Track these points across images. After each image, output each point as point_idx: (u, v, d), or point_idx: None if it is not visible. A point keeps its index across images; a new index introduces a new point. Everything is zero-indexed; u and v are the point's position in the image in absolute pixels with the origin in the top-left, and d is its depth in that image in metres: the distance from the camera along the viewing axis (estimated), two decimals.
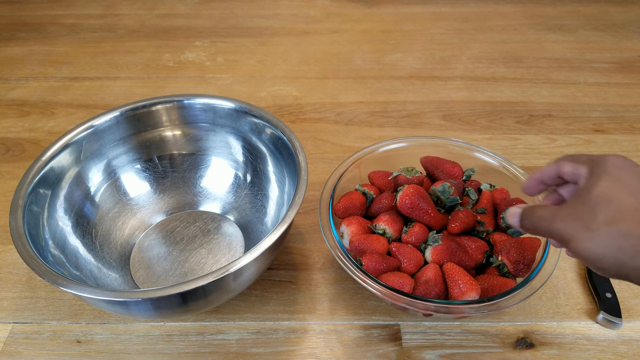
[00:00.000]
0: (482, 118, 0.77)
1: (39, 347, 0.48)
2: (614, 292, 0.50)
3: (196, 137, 0.59)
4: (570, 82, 0.85)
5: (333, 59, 0.91)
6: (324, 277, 0.54)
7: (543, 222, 0.34)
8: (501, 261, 0.46)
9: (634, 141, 0.72)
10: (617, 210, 0.30)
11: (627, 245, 0.29)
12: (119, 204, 0.56)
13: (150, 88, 0.84)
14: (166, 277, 0.52)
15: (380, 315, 0.50)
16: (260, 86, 0.84)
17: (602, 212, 0.30)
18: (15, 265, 0.55)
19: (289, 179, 0.52)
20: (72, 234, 0.50)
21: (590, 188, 0.32)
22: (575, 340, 0.48)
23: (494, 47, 0.95)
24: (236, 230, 0.57)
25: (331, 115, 0.77)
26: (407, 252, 0.46)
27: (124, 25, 1.03)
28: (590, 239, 0.30)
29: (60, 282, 0.38)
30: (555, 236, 0.33)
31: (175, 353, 0.47)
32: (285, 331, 0.49)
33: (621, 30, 1.00)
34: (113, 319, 0.50)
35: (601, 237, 0.30)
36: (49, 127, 0.75)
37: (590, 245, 0.30)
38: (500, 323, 0.49)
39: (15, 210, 0.44)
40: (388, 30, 1.01)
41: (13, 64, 0.90)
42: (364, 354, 0.47)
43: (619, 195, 0.30)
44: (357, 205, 0.51)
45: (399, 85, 0.84)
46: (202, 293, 0.40)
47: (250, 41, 0.97)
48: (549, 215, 0.34)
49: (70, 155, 0.52)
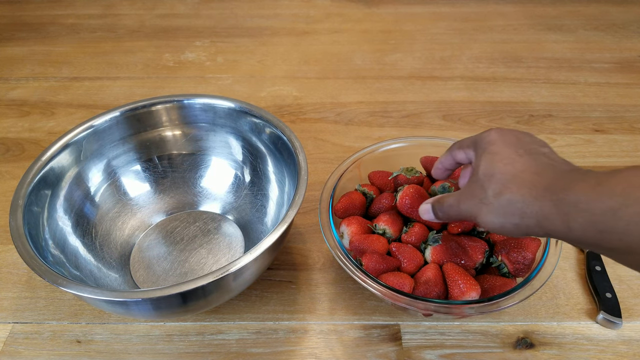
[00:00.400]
0: (482, 118, 0.77)
1: (39, 347, 0.48)
2: (614, 292, 0.50)
3: (196, 137, 0.59)
4: (570, 82, 0.85)
5: (333, 59, 0.91)
6: (324, 277, 0.54)
7: (452, 208, 0.38)
8: (501, 261, 0.46)
9: (634, 141, 0.72)
10: (499, 182, 0.34)
11: (514, 210, 0.33)
12: (119, 204, 0.56)
13: (150, 88, 0.84)
14: (166, 277, 0.52)
15: (380, 315, 0.50)
16: (260, 86, 0.84)
17: (490, 187, 0.34)
18: (15, 265, 0.55)
19: (289, 179, 0.52)
20: (72, 234, 0.50)
21: (477, 168, 0.36)
22: (575, 340, 0.48)
23: (494, 47, 0.95)
24: (236, 230, 0.57)
25: (331, 115, 0.77)
26: (407, 252, 0.46)
27: (124, 25, 1.03)
28: (488, 213, 0.34)
29: (60, 282, 0.38)
30: (465, 217, 0.37)
31: (175, 353, 0.47)
32: (285, 331, 0.49)
33: (621, 30, 1.00)
34: (113, 319, 0.50)
35: (495, 209, 0.34)
36: (49, 127, 0.75)
37: (490, 218, 0.34)
38: (500, 323, 0.49)
39: (15, 210, 0.44)
40: (388, 30, 1.01)
41: (13, 64, 0.90)
42: (364, 354, 0.47)
43: (498, 168, 0.34)
44: (357, 205, 0.51)
45: (399, 85, 0.84)
46: (202, 293, 0.40)
47: (250, 41, 0.97)
48: (454, 201, 0.38)
49: (70, 155, 0.52)
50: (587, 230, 0.29)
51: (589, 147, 0.71)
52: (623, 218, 0.27)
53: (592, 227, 0.29)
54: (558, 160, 0.34)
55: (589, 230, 0.29)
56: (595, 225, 0.29)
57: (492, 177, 0.34)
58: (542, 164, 0.34)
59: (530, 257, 0.45)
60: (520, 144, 0.35)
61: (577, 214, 0.29)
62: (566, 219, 0.30)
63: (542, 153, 0.35)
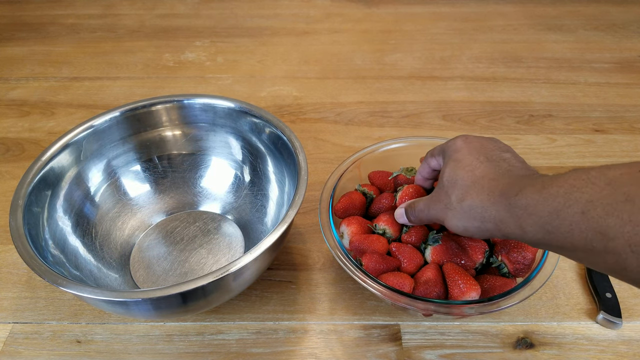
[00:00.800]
0: (482, 118, 0.77)
1: (39, 347, 0.48)
2: (614, 292, 0.50)
3: (196, 137, 0.59)
4: (570, 82, 0.85)
5: (333, 59, 0.91)
6: (324, 277, 0.54)
7: (422, 212, 0.41)
8: (501, 261, 0.46)
9: (634, 141, 0.72)
10: (461, 188, 0.36)
11: (475, 214, 0.35)
12: (119, 204, 0.56)
13: (150, 88, 0.84)
14: (166, 277, 0.52)
15: (380, 315, 0.50)
16: (260, 86, 0.84)
17: (453, 193, 0.36)
18: (15, 265, 0.55)
19: (289, 179, 0.52)
20: (72, 234, 0.50)
21: (442, 175, 0.39)
22: (575, 340, 0.48)
23: (494, 47, 0.95)
24: (236, 230, 0.57)
25: (331, 115, 0.77)
26: (407, 252, 0.46)
27: (124, 25, 1.03)
28: (453, 217, 0.36)
29: (60, 282, 0.38)
30: (434, 220, 0.40)
31: (175, 353, 0.47)
32: (285, 331, 0.49)
33: (621, 30, 1.00)
34: (113, 319, 0.50)
35: (458, 213, 0.36)
36: (49, 127, 0.75)
37: (454, 222, 0.36)
38: (500, 323, 0.49)
39: (15, 210, 0.44)
40: (388, 30, 1.01)
41: (13, 64, 0.90)
42: (364, 354, 0.47)
43: (460, 175, 0.36)
44: (357, 205, 0.51)
45: (399, 85, 0.84)
46: (202, 293, 0.40)
47: (250, 41, 0.97)
48: (424, 206, 0.41)
49: (70, 155, 0.52)
50: (538, 232, 0.31)
51: (589, 147, 0.71)
52: (566, 218, 0.29)
53: (541, 228, 0.30)
54: (516, 166, 0.36)
55: (539, 231, 0.31)
56: (543, 227, 0.30)
57: (455, 183, 0.36)
58: (500, 169, 0.35)
59: (530, 257, 0.45)
60: (482, 150, 0.37)
61: (527, 217, 0.31)
62: (519, 222, 0.32)
63: (502, 159, 0.37)
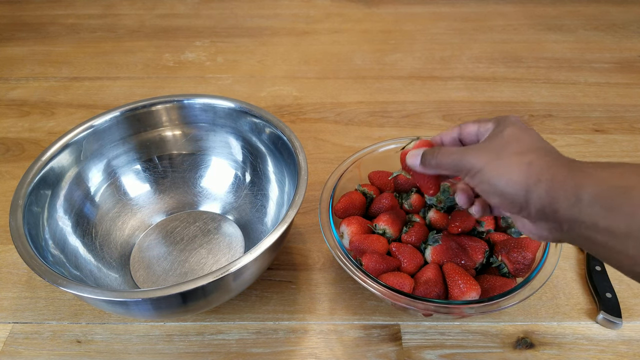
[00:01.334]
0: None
1: (39, 347, 0.48)
2: (614, 292, 0.50)
3: (196, 137, 0.59)
4: (570, 82, 0.85)
5: (333, 59, 0.91)
6: (324, 277, 0.54)
7: (453, 155, 0.37)
8: (501, 261, 0.46)
9: (634, 141, 0.72)
10: (525, 145, 0.34)
11: (532, 172, 0.33)
12: (119, 204, 0.56)
13: (150, 88, 0.84)
14: (166, 277, 0.52)
15: (380, 315, 0.50)
16: (260, 86, 0.84)
17: (513, 145, 0.35)
18: (15, 265, 0.55)
19: (289, 179, 0.52)
20: (72, 234, 0.50)
21: (501, 131, 0.36)
22: (575, 340, 0.48)
23: (494, 47, 0.95)
24: (236, 230, 0.57)
25: (331, 115, 0.77)
26: (407, 252, 0.46)
27: (124, 25, 1.03)
28: (501, 166, 0.34)
29: (60, 282, 0.38)
30: (464, 168, 0.36)
31: (175, 353, 0.47)
32: (285, 331, 0.49)
33: (621, 30, 1.00)
34: (113, 319, 0.50)
35: (511, 163, 0.34)
36: (49, 127, 0.75)
37: (501, 171, 0.34)
38: (500, 323, 0.49)
39: (15, 210, 0.44)
40: (388, 30, 1.01)
41: (13, 64, 0.90)
42: (364, 354, 0.47)
43: (526, 137, 0.35)
44: (357, 205, 0.51)
45: (399, 85, 0.84)
46: (202, 293, 0.40)
47: (250, 41, 0.97)
48: (458, 151, 0.37)
49: (70, 155, 0.52)
50: (595, 203, 0.29)
51: (589, 147, 0.71)
52: (635, 197, 0.28)
53: (601, 201, 0.29)
54: None
55: (597, 204, 0.29)
56: (604, 200, 0.29)
57: (518, 140, 0.35)
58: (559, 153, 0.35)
59: (530, 257, 0.45)
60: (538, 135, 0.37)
61: (590, 184, 0.30)
62: (578, 188, 0.30)
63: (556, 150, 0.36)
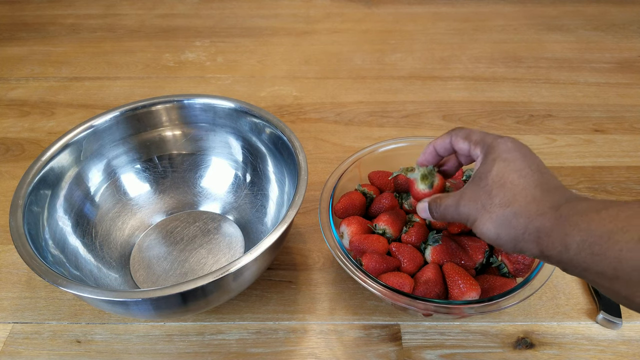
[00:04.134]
0: (482, 118, 0.77)
1: (39, 347, 0.48)
2: None
3: (196, 137, 0.59)
4: (570, 82, 0.85)
5: (333, 59, 0.91)
6: (324, 277, 0.54)
7: (450, 209, 0.38)
8: (501, 261, 0.46)
9: (634, 141, 0.72)
10: (509, 193, 0.34)
11: (518, 224, 0.33)
12: (119, 204, 0.56)
13: (150, 88, 0.84)
14: (166, 277, 0.52)
15: (380, 315, 0.50)
16: (260, 86, 0.84)
17: (498, 196, 0.34)
18: (15, 265, 0.55)
19: (289, 179, 0.52)
20: (72, 234, 0.50)
21: (487, 173, 0.35)
22: (575, 340, 0.48)
23: (494, 47, 0.95)
24: (236, 230, 0.57)
25: (331, 115, 0.77)
26: (407, 252, 0.46)
27: (124, 25, 1.03)
28: (489, 220, 0.34)
29: (60, 282, 0.38)
30: (462, 219, 0.37)
31: (175, 353, 0.47)
32: (285, 331, 0.49)
33: (621, 30, 1.00)
34: (113, 319, 0.50)
35: (496, 218, 0.34)
36: (49, 127, 0.75)
37: (489, 226, 0.34)
38: (500, 323, 0.49)
39: (15, 210, 0.44)
40: (388, 30, 1.01)
41: (13, 64, 0.90)
42: (364, 354, 0.47)
43: (511, 178, 0.34)
44: (357, 205, 0.51)
45: (399, 85, 0.84)
46: (202, 293, 0.40)
47: (250, 41, 0.97)
48: (453, 202, 0.37)
49: (70, 155, 0.52)
50: (582, 250, 0.29)
51: (589, 147, 0.71)
52: (618, 242, 0.28)
53: (587, 248, 0.29)
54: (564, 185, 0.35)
55: (583, 251, 0.29)
56: (590, 247, 0.29)
57: (502, 185, 0.34)
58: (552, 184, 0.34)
59: (531, 258, 0.45)
60: (534, 159, 0.35)
61: (576, 233, 0.30)
62: (564, 238, 0.30)
63: (551, 174, 0.35)
